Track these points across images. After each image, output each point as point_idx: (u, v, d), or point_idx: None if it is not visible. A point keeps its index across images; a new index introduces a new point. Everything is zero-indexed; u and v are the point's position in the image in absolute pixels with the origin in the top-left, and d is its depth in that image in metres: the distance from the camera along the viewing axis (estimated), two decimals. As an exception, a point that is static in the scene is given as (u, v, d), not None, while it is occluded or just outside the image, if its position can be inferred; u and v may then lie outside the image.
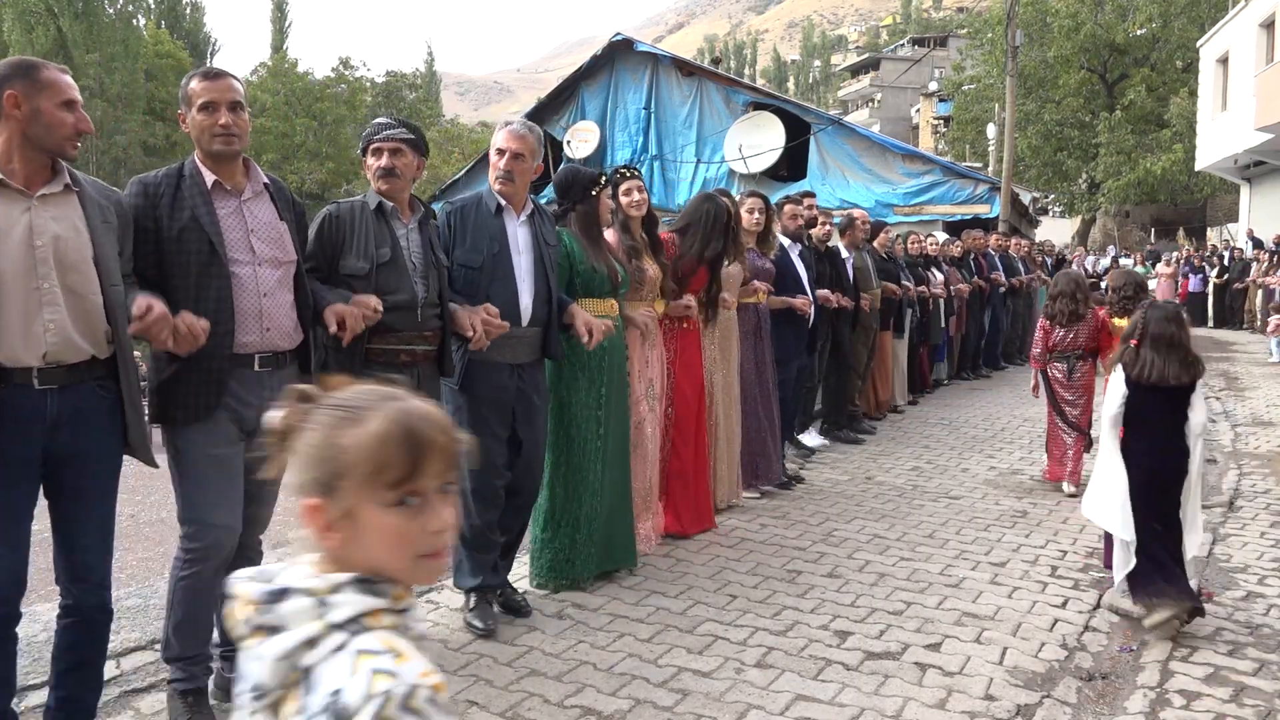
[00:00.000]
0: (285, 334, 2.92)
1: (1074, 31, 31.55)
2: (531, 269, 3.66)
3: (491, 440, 3.58)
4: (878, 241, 8.46)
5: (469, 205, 3.67)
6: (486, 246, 3.57)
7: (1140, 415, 3.85)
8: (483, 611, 3.65)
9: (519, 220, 3.68)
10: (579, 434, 4.03)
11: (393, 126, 3.33)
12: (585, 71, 18.54)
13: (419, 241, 3.34)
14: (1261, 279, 17.60)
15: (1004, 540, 4.90)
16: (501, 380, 3.63)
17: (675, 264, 4.78)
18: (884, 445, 7.46)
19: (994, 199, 16.06)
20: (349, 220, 3.22)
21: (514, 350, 3.63)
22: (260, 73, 43.18)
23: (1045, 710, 3.07)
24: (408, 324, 3.26)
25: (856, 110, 65.58)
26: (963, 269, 10.56)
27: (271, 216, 2.93)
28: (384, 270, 3.21)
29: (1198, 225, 32.96)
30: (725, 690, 3.15)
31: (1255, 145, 19.76)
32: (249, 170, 2.92)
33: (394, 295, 3.19)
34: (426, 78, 50.26)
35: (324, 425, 1.10)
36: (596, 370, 4.05)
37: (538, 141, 3.68)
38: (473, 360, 3.55)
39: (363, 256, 3.19)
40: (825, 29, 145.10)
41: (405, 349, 3.28)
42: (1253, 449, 7.44)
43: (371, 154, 3.30)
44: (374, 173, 3.29)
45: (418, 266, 3.30)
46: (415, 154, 3.33)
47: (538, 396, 3.77)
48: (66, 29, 32.63)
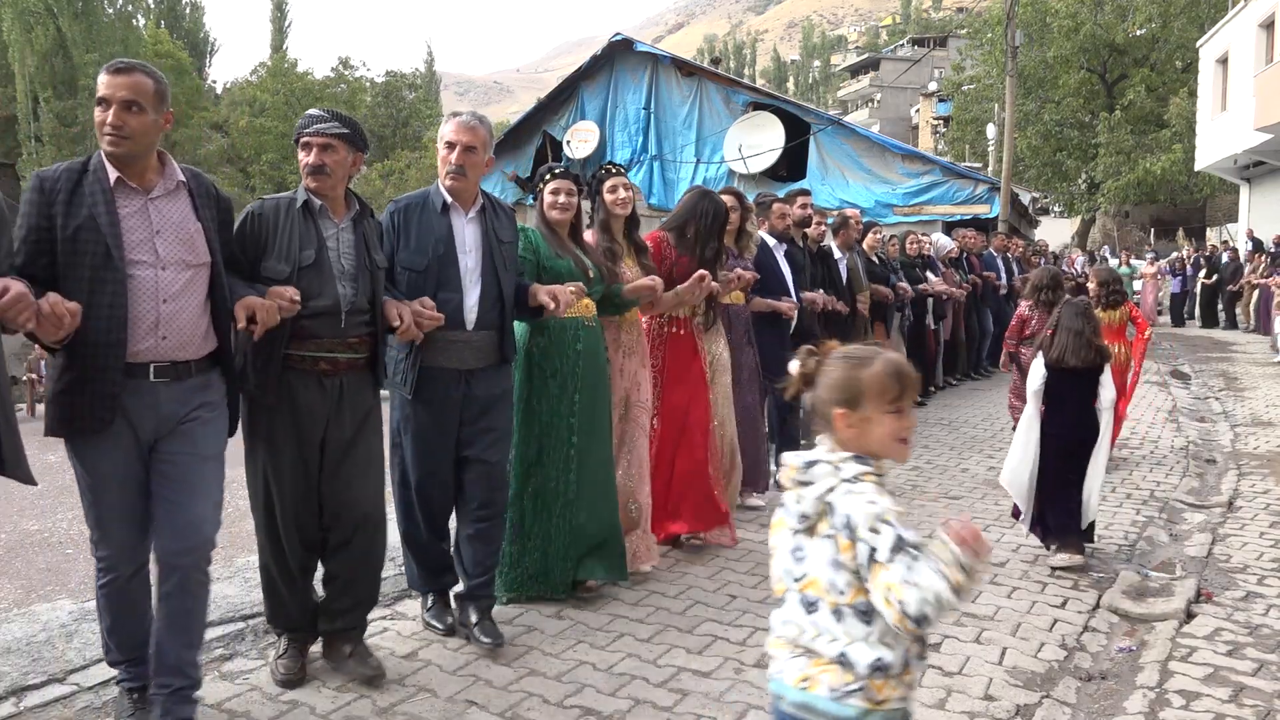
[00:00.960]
0: (188, 342, 2.71)
1: (1073, 32, 31.56)
2: (479, 269, 3.44)
3: (436, 450, 3.46)
4: (867, 243, 8.27)
5: (414, 203, 3.48)
6: (431, 247, 3.38)
7: (1057, 393, 4.59)
8: (440, 610, 3.62)
9: (467, 217, 3.47)
10: (549, 443, 3.84)
11: (324, 119, 3.09)
12: (585, 71, 18.56)
13: (351, 242, 3.11)
14: (1259, 280, 17.61)
15: (1003, 540, 4.90)
16: (446, 388, 3.43)
17: (672, 266, 4.57)
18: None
19: (993, 199, 16.08)
20: (272, 219, 3.02)
21: (460, 355, 3.42)
22: (260, 72, 43.21)
23: (1045, 710, 3.07)
24: (329, 330, 3.03)
25: (856, 110, 65.62)
26: (957, 269, 10.46)
27: (183, 216, 2.74)
28: (306, 273, 2.99)
29: (1197, 225, 32.98)
30: (725, 690, 3.15)
31: (1254, 145, 19.76)
32: (163, 166, 2.74)
33: (316, 300, 2.98)
34: (426, 78, 50.24)
35: (844, 367, 1.83)
36: (569, 375, 3.84)
37: (489, 133, 3.50)
38: (423, 368, 3.40)
39: (284, 258, 2.98)
40: (825, 29, 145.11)
41: (325, 357, 3.05)
42: (1252, 449, 7.44)
43: (301, 148, 3.07)
44: (303, 169, 3.07)
45: (346, 270, 3.06)
46: (350, 149, 3.09)
47: (494, 405, 3.53)
48: (66, 29, 32.61)
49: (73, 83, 32.97)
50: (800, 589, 1.82)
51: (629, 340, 4.29)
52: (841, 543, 1.74)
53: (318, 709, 2.99)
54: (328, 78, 41.15)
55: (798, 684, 1.80)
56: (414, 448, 3.48)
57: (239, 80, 44.72)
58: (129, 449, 2.68)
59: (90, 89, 33.71)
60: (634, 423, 4.29)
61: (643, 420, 4.34)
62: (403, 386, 3.43)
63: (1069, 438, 4.53)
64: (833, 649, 1.76)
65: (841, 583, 1.75)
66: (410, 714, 2.98)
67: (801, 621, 1.81)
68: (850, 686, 1.74)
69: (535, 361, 3.84)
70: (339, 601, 3.22)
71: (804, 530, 1.81)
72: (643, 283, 4.12)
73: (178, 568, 2.70)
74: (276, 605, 3.23)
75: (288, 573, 3.16)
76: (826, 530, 1.77)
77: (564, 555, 3.85)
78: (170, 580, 2.69)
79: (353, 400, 3.12)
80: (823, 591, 1.78)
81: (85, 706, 3.03)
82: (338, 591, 3.22)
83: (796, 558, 1.83)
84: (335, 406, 3.08)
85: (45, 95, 33.00)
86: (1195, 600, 4.05)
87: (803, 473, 1.82)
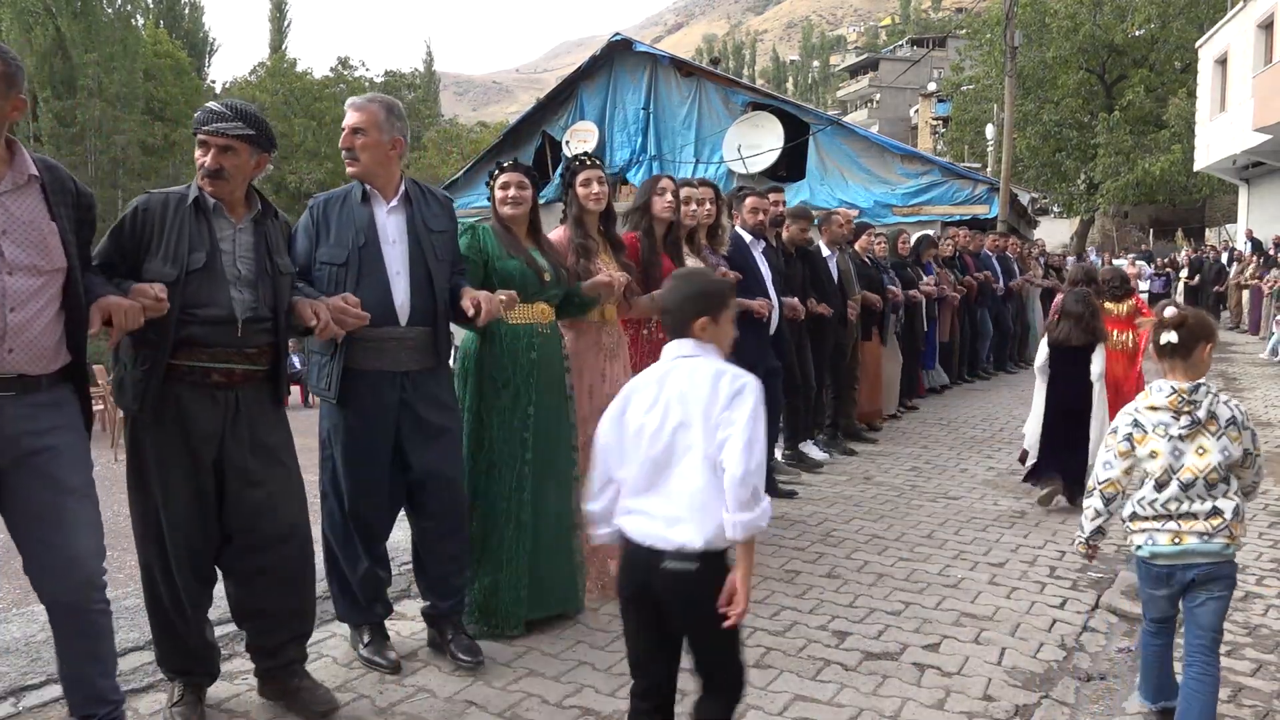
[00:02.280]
0: (38, 355, 2.42)
1: (1073, 32, 31.59)
2: (407, 260, 3.17)
3: (370, 463, 3.19)
4: (859, 244, 8.01)
5: (335, 197, 3.24)
6: (352, 239, 3.12)
7: (1059, 368, 5.64)
8: (381, 644, 3.31)
9: (388, 206, 3.21)
10: (500, 458, 3.51)
11: (225, 117, 2.74)
12: (584, 72, 18.55)
13: (249, 244, 2.80)
14: (1248, 281, 17.68)
15: (1002, 540, 4.90)
16: (380, 392, 3.14)
17: (647, 263, 4.32)
18: (882, 446, 7.46)
19: (993, 199, 16.08)
20: (159, 215, 2.70)
21: (395, 356, 3.15)
22: (259, 72, 43.23)
23: (1044, 710, 3.07)
24: (223, 339, 2.73)
25: (855, 111, 65.64)
26: (952, 269, 10.23)
27: (36, 214, 2.43)
28: (196, 278, 2.68)
29: (1196, 226, 33.02)
30: (724, 690, 3.14)
31: (1253, 146, 19.78)
32: (13, 157, 2.40)
33: (207, 308, 2.69)
34: (425, 78, 50.31)
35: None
36: (522, 385, 3.53)
37: (385, 110, 3.17)
38: (348, 369, 3.11)
39: (170, 260, 2.67)
40: (824, 29, 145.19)
41: (219, 367, 2.74)
42: (1251, 449, 7.43)
43: (197, 146, 2.76)
44: (198, 168, 2.76)
45: (242, 274, 2.76)
46: (254, 151, 2.78)
47: (436, 411, 3.25)
48: (65, 28, 32.58)
49: (71, 82, 32.95)
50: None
51: (610, 343, 4.06)
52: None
53: (317, 708, 2.99)
54: (327, 78, 41.18)
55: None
56: (345, 460, 3.20)
57: (238, 80, 44.71)
58: None
59: (90, 89, 33.76)
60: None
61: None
62: (326, 392, 3.15)
63: (1069, 405, 5.53)
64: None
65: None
66: (410, 714, 2.98)
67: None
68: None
69: (485, 371, 3.55)
70: (271, 638, 2.95)
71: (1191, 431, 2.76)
72: (599, 279, 3.79)
73: (72, 608, 2.52)
74: (170, 647, 2.88)
75: (180, 609, 2.82)
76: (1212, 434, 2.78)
77: (515, 585, 3.52)
78: (68, 623, 2.53)
79: (251, 415, 2.81)
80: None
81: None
82: (266, 628, 2.94)
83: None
84: (231, 423, 2.77)
85: (44, 95, 33.00)
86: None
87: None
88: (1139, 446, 2.81)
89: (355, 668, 3.29)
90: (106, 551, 2.61)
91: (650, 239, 4.42)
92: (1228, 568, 2.74)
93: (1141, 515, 2.80)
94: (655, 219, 4.43)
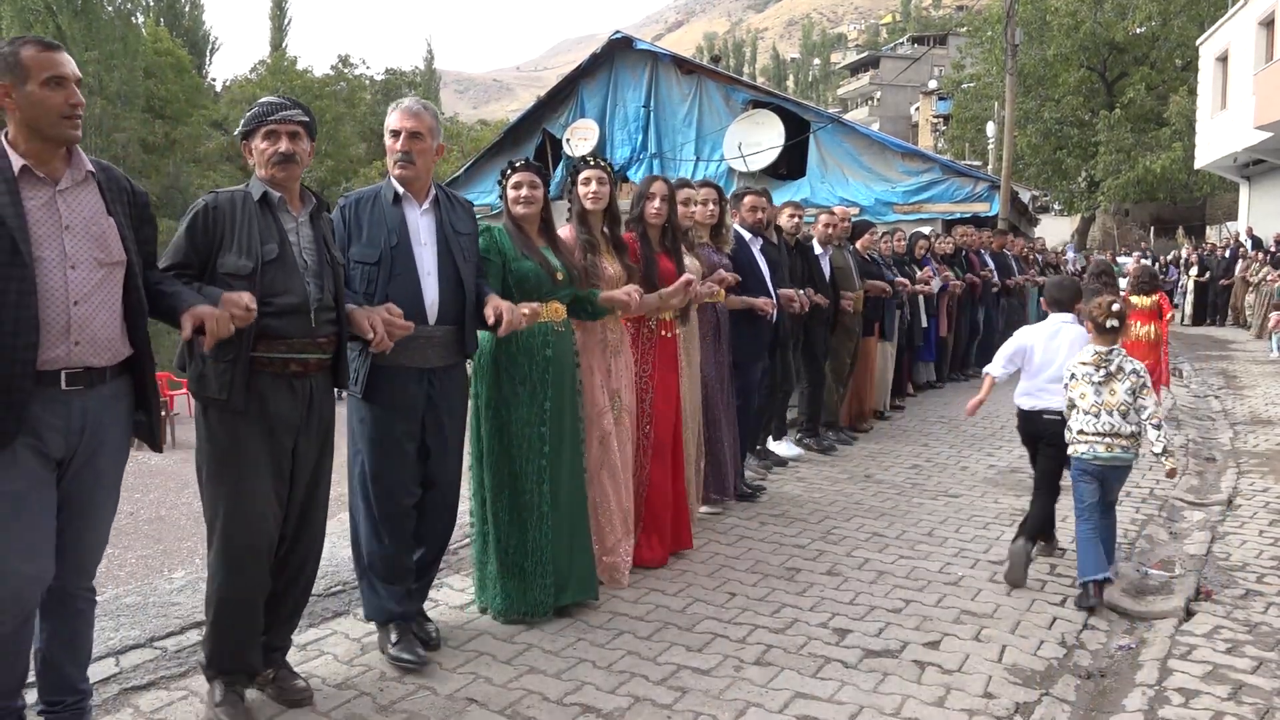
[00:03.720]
0: (102, 347, 2.49)
1: (1073, 30, 31.56)
2: (436, 261, 3.29)
3: (399, 457, 3.27)
4: (861, 243, 7.94)
5: (365, 197, 3.34)
6: (384, 239, 3.22)
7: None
8: (408, 643, 3.31)
9: (421, 209, 3.32)
10: (520, 454, 3.64)
11: (288, 106, 2.92)
12: (584, 69, 18.53)
13: (311, 236, 2.94)
14: (1255, 278, 17.66)
15: (1003, 538, 4.90)
16: (409, 388, 3.25)
17: (648, 266, 4.40)
18: (883, 443, 7.46)
19: (993, 197, 16.05)
20: (229, 213, 2.80)
21: (423, 353, 3.25)
22: (260, 70, 43.22)
23: (1044, 708, 3.07)
24: (299, 329, 2.83)
25: (856, 108, 65.62)
26: (954, 266, 10.22)
27: (94, 210, 2.51)
28: (271, 269, 2.80)
29: (1197, 224, 32.98)
30: (724, 688, 3.15)
31: (1254, 144, 19.76)
32: (70, 156, 2.51)
33: (283, 297, 2.80)
34: (426, 75, 50.34)
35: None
36: (539, 382, 3.66)
37: (435, 119, 3.36)
38: (376, 366, 3.20)
39: (246, 254, 2.77)
40: (825, 27, 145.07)
41: (296, 358, 2.84)
42: (1251, 448, 7.44)
43: (265, 137, 2.88)
44: (268, 159, 2.87)
45: (310, 264, 2.89)
46: (310, 139, 2.97)
47: (452, 405, 3.38)
48: (65, 26, 32.62)
49: (72, 80, 32.92)
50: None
51: (614, 340, 4.15)
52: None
53: (319, 705, 3.00)
54: (327, 75, 41.21)
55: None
56: (374, 457, 3.27)
57: (239, 78, 44.75)
58: (35, 471, 2.42)
59: (90, 87, 33.74)
60: (621, 427, 4.14)
61: (628, 425, 4.20)
62: (354, 386, 3.21)
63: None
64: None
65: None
66: (411, 711, 2.98)
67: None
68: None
69: (503, 368, 3.65)
70: (275, 626, 3.03)
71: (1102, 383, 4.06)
72: (618, 296, 3.91)
73: (73, 595, 2.58)
74: (226, 646, 2.88)
75: (248, 607, 2.87)
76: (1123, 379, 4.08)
77: (543, 573, 3.66)
78: (64, 607, 2.58)
79: (321, 407, 2.94)
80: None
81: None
82: (278, 618, 3.02)
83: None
84: (305, 414, 2.89)
85: (44, 93, 32.91)
86: (1195, 598, 4.05)
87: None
88: (1071, 390, 4.15)
89: (356, 665, 3.30)
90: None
91: (646, 243, 4.50)
92: (1128, 467, 4.18)
93: (1086, 432, 4.08)
94: (647, 224, 4.53)
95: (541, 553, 3.65)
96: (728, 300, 5.30)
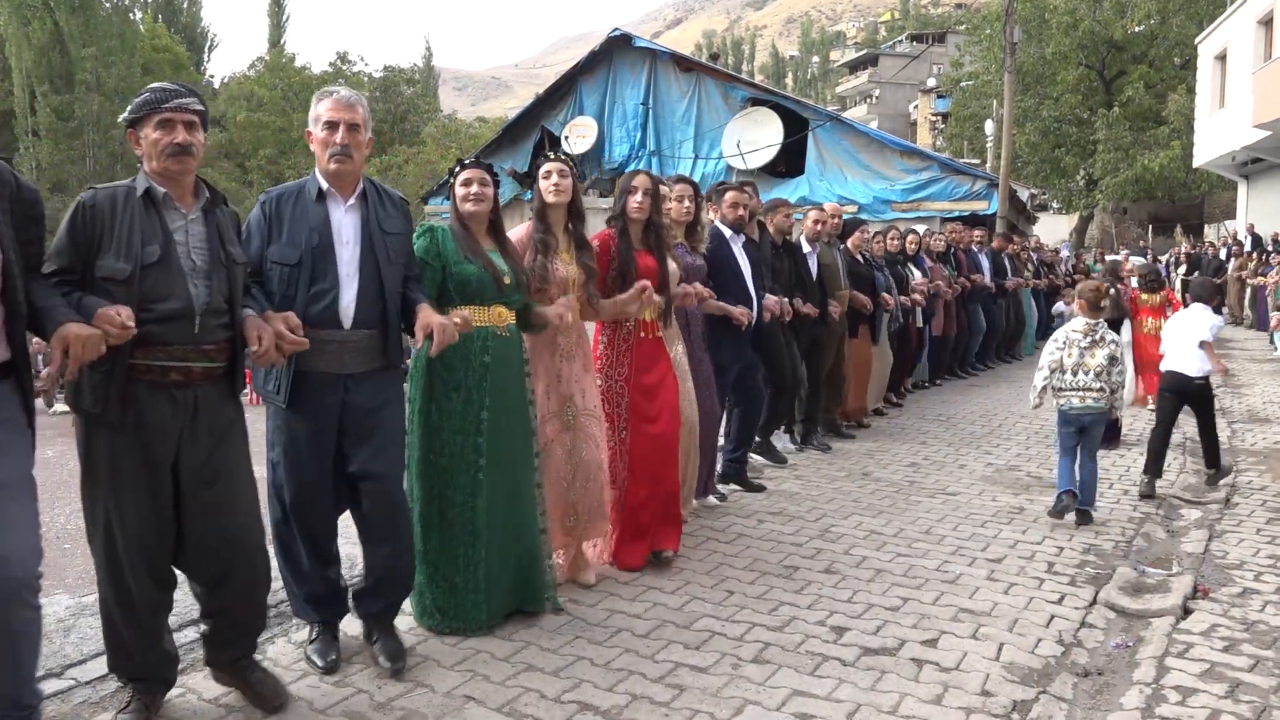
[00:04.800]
0: None
1: (1072, 28, 31.55)
2: (358, 262, 3.09)
3: (310, 464, 3.11)
4: (852, 242, 7.75)
5: (288, 194, 3.14)
6: (305, 238, 3.04)
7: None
8: (324, 645, 3.24)
9: (346, 205, 3.13)
10: (452, 464, 3.45)
11: (184, 93, 2.70)
12: (583, 67, 18.55)
13: (202, 235, 2.73)
14: (1250, 278, 17.70)
15: (1000, 536, 4.91)
16: (321, 394, 3.07)
17: (622, 264, 4.23)
18: (880, 442, 7.46)
19: (992, 195, 16.07)
20: (108, 211, 2.61)
21: (339, 358, 3.08)
22: (258, 67, 43.16)
23: (1041, 706, 3.07)
24: (182, 336, 2.65)
25: (855, 106, 65.58)
26: (946, 265, 10.10)
27: None
28: (152, 272, 2.61)
29: (1195, 222, 33.00)
30: (722, 686, 3.15)
31: (1253, 142, 19.78)
32: None
33: (165, 303, 2.62)
34: (424, 73, 50.26)
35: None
36: (475, 389, 3.45)
37: (368, 112, 3.19)
38: (299, 372, 3.04)
39: (124, 256, 2.58)
40: (823, 25, 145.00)
41: (177, 366, 2.66)
42: (1249, 446, 7.45)
43: (158, 126, 2.66)
44: (161, 150, 2.65)
45: (198, 266, 2.69)
46: (205, 131, 2.78)
47: (376, 410, 3.16)
48: (63, 23, 32.56)
49: (69, 77, 32.91)
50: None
51: (567, 344, 4.00)
52: None
53: (315, 703, 2.99)
54: (325, 73, 41.11)
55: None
56: (286, 462, 3.14)
57: (237, 75, 44.67)
58: None
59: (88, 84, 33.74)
60: (581, 431, 3.99)
61: (592, 429, 4.03)
62: (275, 395, 3.08)
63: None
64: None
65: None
66: (408, 709, 2.98)
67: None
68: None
69: (437, 372, 3.46)
70: (227, 633, 2.95)
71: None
72: (547, 314, 3.74)
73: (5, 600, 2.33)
74: (119, 651, 2.80)
75: (132, 615, 2.74)
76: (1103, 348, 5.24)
77: (474, 588, 3.48)
78: None
79: (210, 416, 2.75)
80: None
81: (83, 701, 3.04)
82: (225, 625, 2.94)
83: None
84: (189, 424, 2.71)
85: (42, 89, 32.94)
86: (1192, 596, 4.06)
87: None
88: (1063, 353, 5.26)
89: (355, 663, 3.29)
90: (44, 552, 2.46)
91: (625, 239, 4.33)
92: (1104, 416, 5.27)
93: (1066, 388, 5.22)
94: (629, 219, 4.36)
95: (474, 567, 3.47)
96: (704, 305, 5.09)
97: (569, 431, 3.98)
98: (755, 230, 6.10)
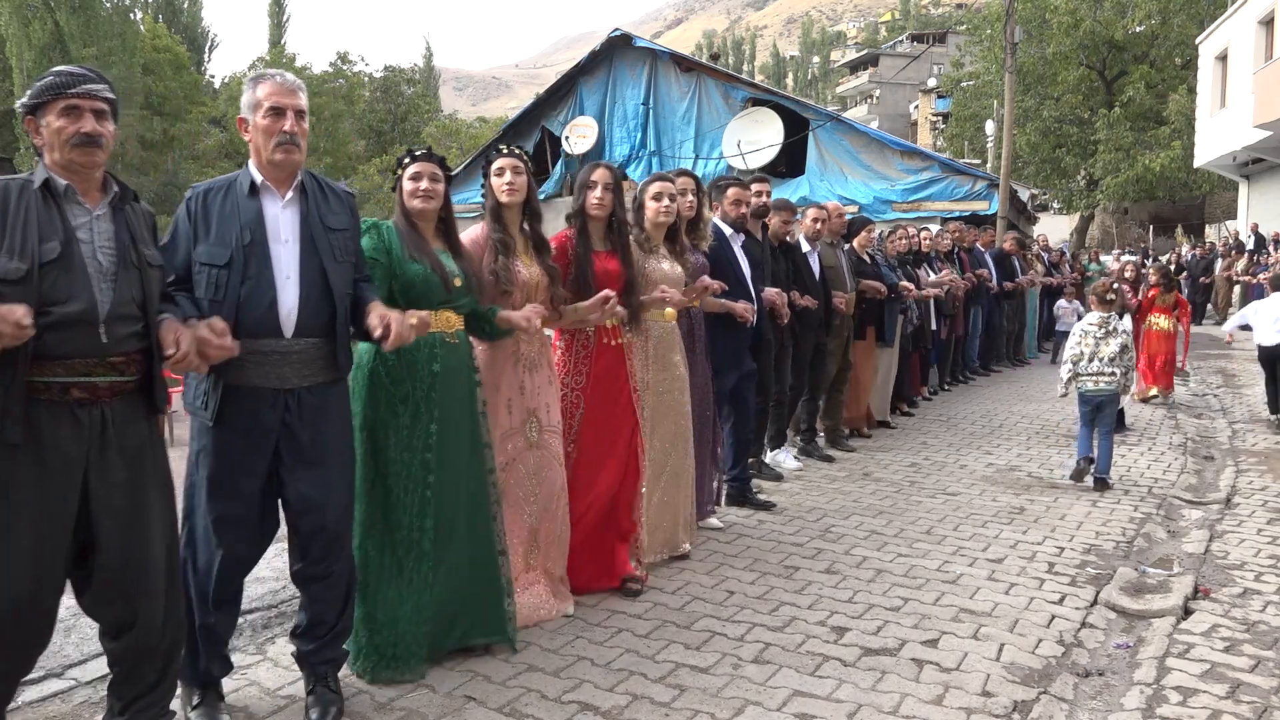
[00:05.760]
0: None
1: (1073, 28, 31.52)
2: (298, 262, 2.77)
3: (234, 490, 2.74)
4: (858, 241, 7.48)
5: (216, 188, 2.80)
6: (236, 236, 2.71)
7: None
8: (210, 710, 2.85)
9: (283, 200, 2.81)
10: (398, 483, 3.14)
11: (92, 78, 2.42)
12: (584, 67, 18.55)
13: (109, 233, 2.43)
14: (1239, 277, 17.72)
15: (1001, 536, 4.90)
16: (257, 411, 2.72)
17: (581, 265, 3.94)
18: (881, 442, 7.46)
19: (992, 195, 16.07)
20: (2, 206, 2.31)
21: (278, 371, 2.73)
22: (258, 67, 43.11)
23: (1042, 706, 3.07)
24: (85, 346, 2.34)
25: (855, 106, 65.58)
26: (949, 264, 9.95)
27: None
28: (50, 272, 2.30)
29: (1196, 223, 32.99)
30: (723, 686, 3.15)
31: (1254, 142, 19.77)
32: None
33: (64, 306, 2.30)
34: (425, 73, 50.28)
35: None
36: (423, 402, 3.16)
37: (307, 99, 2.90)
38: (229, 386, 2.70)
39: (19, 254, 2.27)
40: (824, 25, 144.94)
41: (79, 382, 2.34)
42: (1250, 446, 7.45)
43: (63, 114, 2.37)
44: (66, 139, 2.37)
45: (104, 266, 2.39)
46: (115, 121, 2.48)
47: (323, 435, 2.81)
48: (64, 23, 32.51)
49: (70, 77, 32.83)
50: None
51: (530, 353, 3.68)
52: None
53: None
54: (326, 72, 41.07)
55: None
56: (208, 486, 2.75)
57: (237, 75, 44.65)
58: None
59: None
60: (545, 449, 3.70)
61: (555, 446, 3.73)
62: (203, 411, 2.73)
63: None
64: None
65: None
66: (408, 709, 2.98)
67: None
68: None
69: (381, 385, 3.15)
70: (136, 687, 2.56)
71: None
72: (514, 319, 3.44)
73: None
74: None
75: (10, 658, 2.37)
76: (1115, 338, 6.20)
77: (418, 621, 3.16)
78: None
79: (121, 437, 2.42)
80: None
81: (83, 701, 3.04)
82: (134, 664, 2.56)
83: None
84: (98, 446, 2.37)
85: (43, 89, 32.85)
86: (1193, 597, 4.06)
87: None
88: (1082, 343, 6.12)
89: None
90: None
91: (584, 238, 3.99)
92: (1116, 396, 6.10)
93: (1084, 373, 6.08)
94: (589, 217, 4.01)
95: (420, 596, 3.16)
96: (705, 303, 4.84)
97: (533, 450, 3.67)
98: (759, 229, 5.86)
